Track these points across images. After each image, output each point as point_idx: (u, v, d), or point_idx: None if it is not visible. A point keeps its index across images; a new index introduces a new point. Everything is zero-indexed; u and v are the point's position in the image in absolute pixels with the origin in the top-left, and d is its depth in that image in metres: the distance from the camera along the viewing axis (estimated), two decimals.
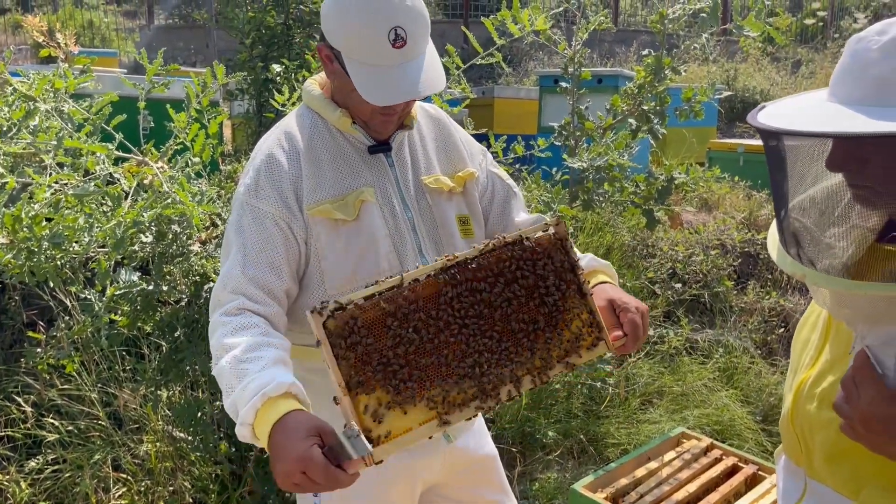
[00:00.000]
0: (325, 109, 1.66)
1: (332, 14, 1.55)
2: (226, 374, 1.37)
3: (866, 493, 1.23)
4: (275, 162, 1.59)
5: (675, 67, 3.50)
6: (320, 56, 1.61)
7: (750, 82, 10.73)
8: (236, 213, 1.58)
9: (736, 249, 4.77)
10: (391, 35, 1.51)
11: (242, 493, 2.70)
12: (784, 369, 4.11)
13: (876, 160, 1.09)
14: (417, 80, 1.55)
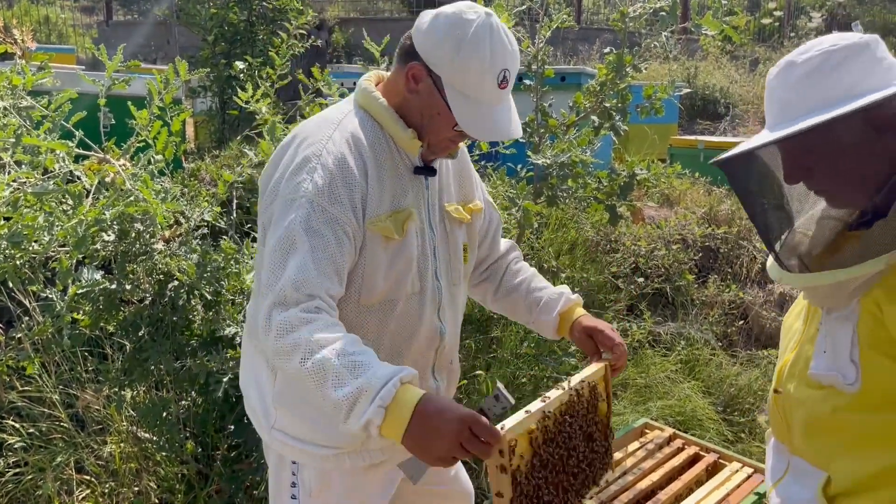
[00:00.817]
0: (394, 125, 1.63)
1: (443, 43, 1.54)
2: (332, 367, 1.35)
3: (836, 464, 1.33)
4: (348, 169, 1.55)
5: (636, 65, 3.56)
6: (408, 73, 1.59)
7: (710, 80, 10.91)
8: (304, 211, 1.49)
9: (697, 244, 4.86)
10: (500, 76, 1.56)
11: (210, 493, 2.69)
12: (744, 360, 4.21)
13: (816, 164, 1.26)
14: (510, 121, 1.62)
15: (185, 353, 2.72)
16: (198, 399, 2.75)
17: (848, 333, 1.29)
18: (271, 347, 1.43)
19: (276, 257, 1.48)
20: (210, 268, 2.65)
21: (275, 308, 1.43)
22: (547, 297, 1.95)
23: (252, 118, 3.87)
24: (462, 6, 1.58)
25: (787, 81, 1.26)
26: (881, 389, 1.26)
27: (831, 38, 1.27)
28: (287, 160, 1.58)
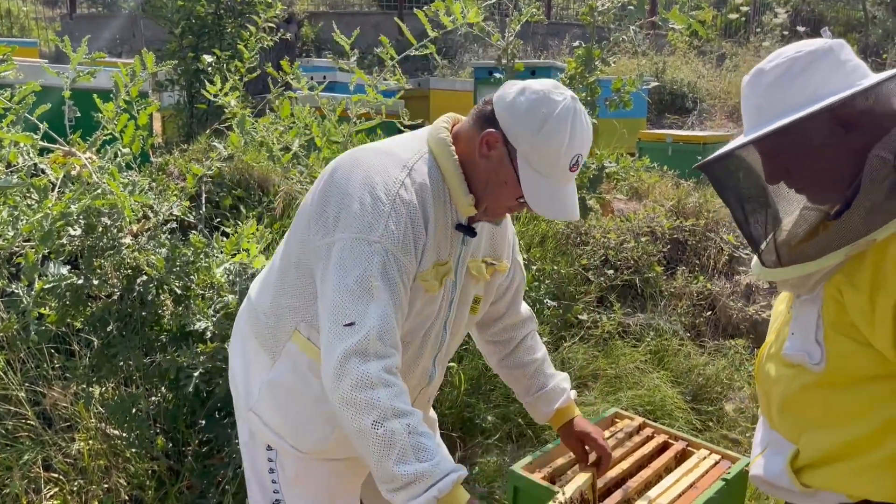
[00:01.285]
0: (458, 186, 1.62)
1: (527, 119, 1.56)
2: (401, 441, 1.39)
3: (804, 438, 1.43)
4: (417, 221, 1.56)
5: (604, 59, 3.60)
6: (483, 139, 1.59)
7: (678, 75, 11.03)
8: (380, 258, 1.48)
9: (665, 236, 4.92)
10: (574, 160, 1.59)
11: (181, 489, 2.67)
12: (712, 350, 4.28)
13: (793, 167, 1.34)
14: (573, 203, 1.65)
15: (155, 349, 2.70)
16: (168, 394, 2.73)
17: (813, 316, 1.38)
18: (341, 394, 1.43)
19: (352, 301, 1.46)
20: (179, 262, 2.62)
21: (354, 356, 1.43)
22: (551, 387, 2.05)
23: (221, 112, 3.84)
24: (549, 85, 1.59)
25: (758, 88, 1.35)
26: (845, 369, 1.35)
27: (797, 45, 1.35)
28: (355, 192, 1.54)
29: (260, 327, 1.73)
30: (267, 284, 1.75)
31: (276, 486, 1.77)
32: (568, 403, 2.07)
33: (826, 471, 1.40)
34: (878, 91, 1.26)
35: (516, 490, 2.45)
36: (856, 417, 1.36)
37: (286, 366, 1.68)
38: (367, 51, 5.69)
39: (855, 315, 1.31)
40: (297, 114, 3.62)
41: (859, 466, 1.36)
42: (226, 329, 2.59)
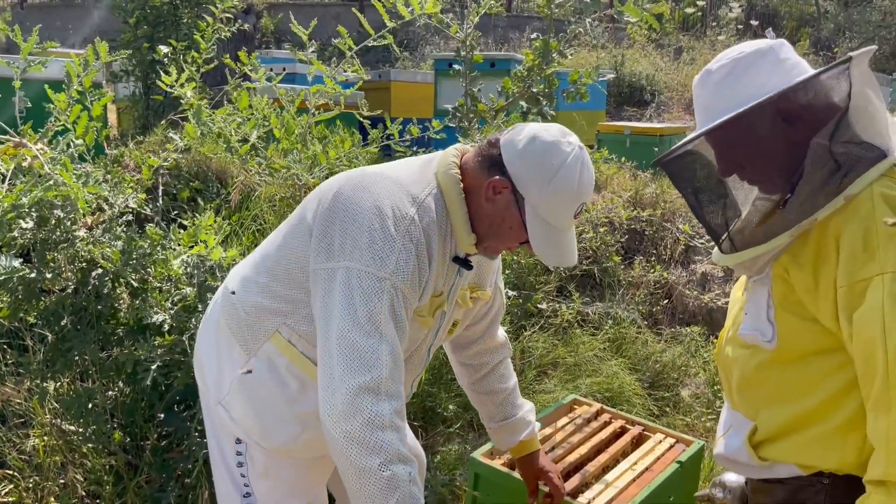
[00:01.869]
0: (462, 225, 1.62)
1: (536, 169, 1.56)
2: (403, 487, 1.42)
3: (761, 414, 1.50)
4: (423, 257, 1.56)
5: (561, 51, 3.64)
6: (490, 184, 1.59)
7: (636, 67, 11.17)
8: (388, 295, 1.49)
9: (623, 226, 5.00)
10: (578, 208, 1.61)
11: (139, 483, 2.64)
12: (668, 338, 4.37)
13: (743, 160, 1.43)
14: (574, 248, 1.68)
15: (111, 342, 2.66)
16: (125, 388, 2.70)
17: (764, 296, 1.45)
18: (349, 430, 1.41)
19: (363, 336, 1.46)
20: (136, 255, 2.59)
21: (366, 392, 1.42)
22: (517, 418, 2.09)
23: (177, 103, 3.79)
24: (557, 133, 1.60)
25: (706, 88, 1.44)
26: (794, 345, 1.42)
27: (740, 46, 1.44)
28: (364, 220, 1.52)
29: (238, 321, 1.70)
30: (250, 281, 1.71)
31: (246, 479, 1.76)
32: (531, 437, 2.11)
33: (780, 444, 1.47)
34: (813, 85, 1.34)
35: (477, 477, 2.48)
36: (806, 391, 1.42)
37: (263, 364, 1.67)
38: (326, 42, 5.66)
39: (800, 292, 1.38)
40: (255, 105, 3.59)
41: (809, 438, 1.43)
42: (184, 322, 2.57)
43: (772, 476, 1.51)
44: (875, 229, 1.28)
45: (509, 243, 1.68)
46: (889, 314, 1.24)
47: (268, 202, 3.59)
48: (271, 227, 3.49)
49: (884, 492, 1.27)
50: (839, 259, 1.31)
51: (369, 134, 3.76)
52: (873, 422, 1.29)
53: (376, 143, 3.75)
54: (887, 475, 1.25)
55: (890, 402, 1.25)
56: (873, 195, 1.31)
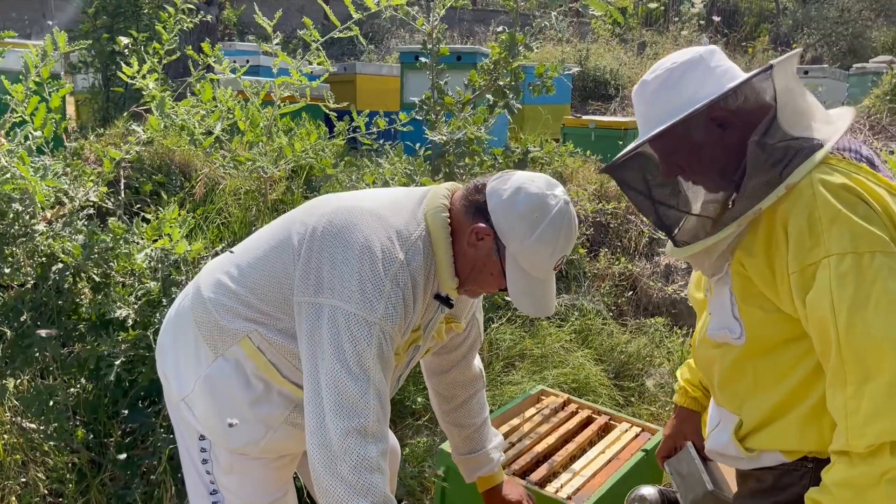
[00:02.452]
0: (446, 269, 1.64)
1: (521, 221, 1.57)
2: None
3: (744, 408, 1.55)
4: (409, 301, 1.57)
5: (528, 44, 3.65)
6: (474, 231, 1.60)
7: (601, 62, 11.26)
8: (377, 340, 1.50)
9: (588, 219, 5.05)
10: (559, 261, 1.62)
11: (103, 481, 2.60)
12: (633, 329, 4.43)
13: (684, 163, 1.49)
14: (552, 298, 1.69)
15: (73, 338, 2.62)
16: (87, 385, 2.65)
17: (726, 294, 1.50)
18: (338, 472, 1.44)
19: (352, 379, 1.47)
20: (98, 248, 2.54)
21: (355, 435, 1.45)
22: (479, 453, 2.11)
23: (139, 95, 3.72)
24: (543, 186, 1.60)
25: (643, 98, 1.52)
26: (762, 337, 1.47)
27: (675, 55, 1.51)
28: (353, 260, 1.53)
29: (208, 321, 1.68)
30: (225, 287, 1.69)
31: (211, 476, 1.75)
32: (491, 473, 2.12)
33: (764, 433, 1.52)
34: (740, 92, 1.41)
35: (447, 469, 2.49)
36: (780, 379, 1.48)
37: (230, 366, 1.66)
38: (291, 35, 5.60)
39: (759, 282, 1.43)
40: (219, 97, 3.54)
41: (788, 423, 1.48)
42: (148, 316, 2.53)
43: (760, 465, 1.55)
44: (818, 215, 1.33)
45: (489, 288, 1.70)
46: (836, 294, 1.30)
47: (233, 195, 3.55)
48: (236, 220, 3.45)
49: (846, 461, 1.32)
50: (788, 245, 1.36)
51: (336, 126, 3.74)
52: (831, 398, 1.34)
53: (343, 136, 3.72)
54: (849, 446, 1.30)
55: (845, 377, 1.31)
56: (813, 181, 1.37)
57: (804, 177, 1.37)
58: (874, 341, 1.28)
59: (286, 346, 1.62)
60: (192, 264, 2.65)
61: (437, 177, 3.89)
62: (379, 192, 1.75)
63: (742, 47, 13.63)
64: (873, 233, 1.31)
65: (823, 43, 14.97)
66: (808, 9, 16.26)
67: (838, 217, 1.32)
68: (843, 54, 14.22)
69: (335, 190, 3.70)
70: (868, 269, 1.29)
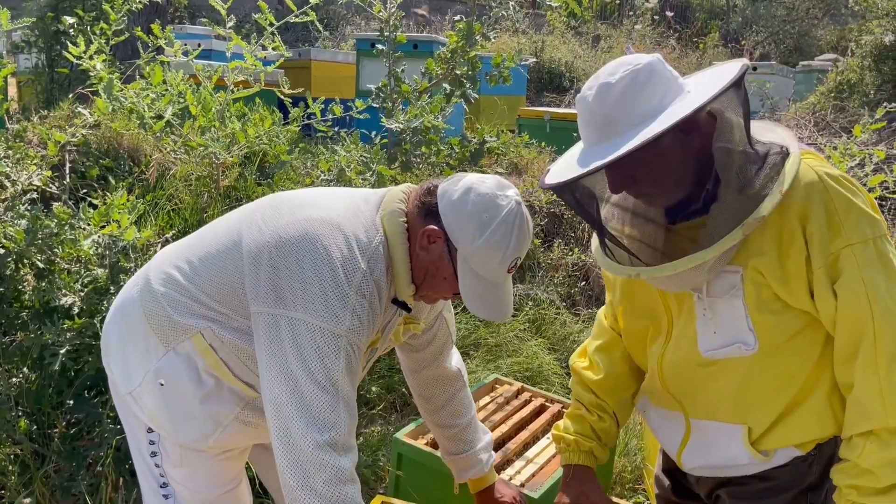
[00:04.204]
0: (403, 277, 1.60)
1: (470, 222, 1.54)
2: None
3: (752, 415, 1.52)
4: (374, 310, 1.55)
5: (485, 34, 3.65)
6: (425, 233, 1.56)
7: (556, 54, 11.34)
8: (345, 352, 1.48)
9: (543, 210, 5.08)
10: (512, 262, 1.57)
11: (47, 472, 2.53)
12: (586, 318, 4.48)
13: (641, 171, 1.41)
14: (508, 302, 1.65)
15: (15, 326, 2.54)
16: (31, 375, 2.57)
17: (739, 308, 1.46)
18: (314, 486, 1.43)
19: (321, 392, 1.45)
20: (41, 234, 2.47)
21: (327, 448, 1.44)
22: (466, 455, 2.07)
23: (85, 77, 3.61)
24: (494, 186, 1.57)
25: (607, 101, 1.38)
26: (773, 341, 1.46)
27: (626, 59, 1.42)
28: (313, 271, 1.49)
29: (158, 314, 1.63)
30: (176, 282, 1.64)
31: (161, 469, 1.71)
32: (481, 475, 2.08)
33: (779, 430, 1.51)
34: (723, 99, 1.36)
35: (400, 457, 2.49)
36: (791, 375, 1.48)
37: (180, 361, 1.62)
38: (243, 20, 5.50)
39: (772, 281, 1.43)
40: (170, 80, 3.46)
41: (804, 414, 1.49)
42: (95, 304, 2.46)
43: (772, 465, 1.54)
44: (833, 206, 1.37)
45: (444, 293, 1.66)
46: (868, 282, 1.35)
47: (184, 181, 3.47)
48: (187, 207, 3.38)
49: (877, 441, 1.36)
50: (809, 241, 1.38)
51: (290, 113, 3.68)
52: (862, 379, 1.38)
53: (297, 122, 3.68)
54: (886, 423, 1.35)
55: (876, 359, 1.36)
56: (819, 174, 1.40)
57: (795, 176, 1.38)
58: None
59: (239, 346, 1.58)
60: (141, 251, 2.59)
61: (393, 165, 3.87)
62: (335, 194, 1.70)
63: (693, 43, 13.88)
64: (878, 218, 1.39)
65: (771, 41, 15.34)
66: (756, 7, 16.63)
67: (852, 206, 1.37)
68: (789, 52, 14.61)
69: (289, 177, 3.66)
70: (884, 253, 1.37)
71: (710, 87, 1.35)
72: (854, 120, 6.58)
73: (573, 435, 1.79)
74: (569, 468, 1.79)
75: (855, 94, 7.47)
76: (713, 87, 1.35)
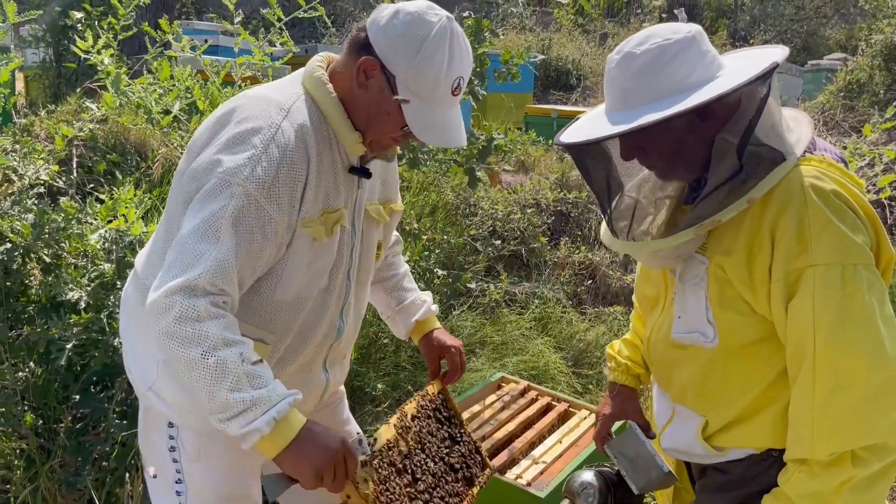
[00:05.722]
0: (341, 126, 1.55)
1: (402, 42, 1.49)
2: (234, 369, 1.36)
3: (712, 410, 1.54)
4: (294, 163, 1.48)
5: (493, 30, 3.63)
6: (359, 67, 1.51)
7: (563, 52, 11.31)
8: (238, 202, 1.42)
9: (550, 208, 5.07)
10: (455, 83, 1.53)
11: (53, 467, 2.53)
12: (592, 317, 4.47)
13: (649, 146, 1.43)
14: (458, 128, 1.59)
15: (22, 321, 2.53)
16: (37, 369, 2.57)
17: (702, 299, 1.47)
18: (164, 327, 1.38)
19: (195, 240, 1.40)
20: (48, 229, 2.46)
21: (181, 291, 1.38)
22: (410, 300, 2.00)
23: (93, 71, 3.61)
24: (423, 6, 1.53)
25: (627, 71, 1.38)
26: (735, 340, 1.46)
27: (664, 30, 1.39)
28: (227, 137, 1.47)
29: (135, 297, 1.65)
30: (153, 258, 1.64)
31: (178, 464, 1.69)
32: (427, 316, 2.01)
33: (734, 432, 1.52)
34: (742, 91, 1.34)
35: None
36: (752, 379, 1.48)
37: None
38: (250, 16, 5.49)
39: (737, 284, 1.41)
40: (177, 75, 3.45)
41: (761, 421, 1.48)
42: (102, 299, 2.46)
43: (727, 460, 1.56)
44: (808, 222, 1.33)
45: (391, 131, 1.57)
46: (819, 305, 1.31)
47: None
48: None
49: (807, 471, 1.35)
50: (774, 251, 1.35)
51: None
52: (796, 404, 1.36)
53: None
54: (812, 453, 1.33)
55: (814, 385, 1.33)
56: (804, 186, 1.35)
57: (781, 183, 1.36)
58: (849, 354, 1.30)
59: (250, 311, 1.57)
60: None
61: (400, 163, 3.85)
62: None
63: None
64: (858, 245, 1.32)
65: (779, 40, 15.27)
66: (764, 5, 16.56)
67: (828, 226, 1.32)
68: (798, 51, 14.53)
69: None
70: (850, 282, 1.31)
71: (736, 77, 1.34)
72: (863, 119, 6.54)
73: (625, 359, 1.85)
74: (615, 386, 1.86)
75: (864, 93, 7.42)
76: (740, 76, 1.33)
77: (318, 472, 1.41)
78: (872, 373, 1.30)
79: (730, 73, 1.38)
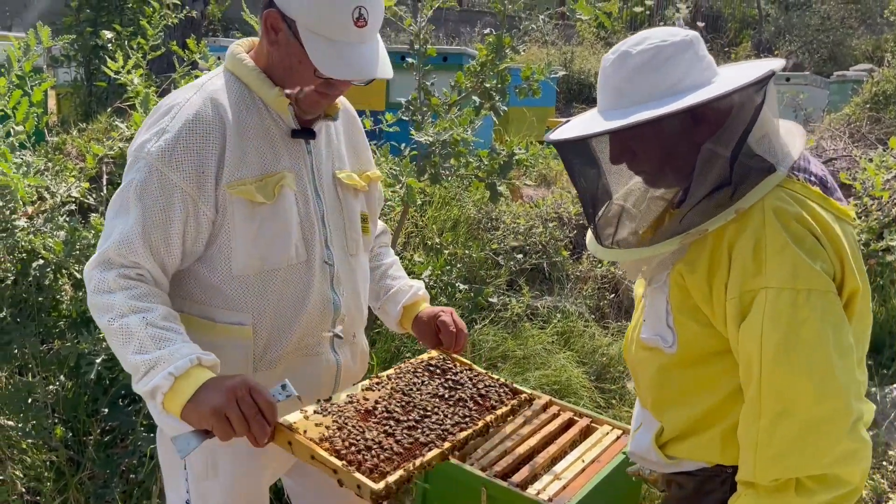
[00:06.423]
0: (260, 85, 1.59)
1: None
2: (138, 333, 1.43)
3: (666, 415, 1.54)
4: (199, 129, 1.51)
5: (514, 47, 3.66)
6: (265, 23, 1.54)
7: (585, 65, 11.32)
8: (141, 174, 1.49)
9: (572, 221, 5.07)
10: (355, 13, 1.50)
11: (82, 479, 2.58)
12: (615, 332, 4.45)
13: (639, 148, 1.42)
14: (375, 61, 1.56)
15: (53, 335, 2.59)
16: (67, 382, 2.63)
17: (663, 303, 1.48)
18: (88, 299, 1.51)
19: (111, 216, 1.53)
20: (79, 245, 2.52)
21: (98, 265, 1.50)
22: (397, 288, 1.97)
23: (122, 90, 3.69)
24: None
25: (622, 70, 1.38)
26: (694, 348, 1.46)
27: (662, 32, 1.40)
28: (146, 122, 1.58)
29: None
30: None
31: (188, 484, 1.71)
32: (414, 300, 1.96)
33: (686, 443, 1.51)
34: (734, 97, 1.34)
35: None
36: (706, 391, 1.47)
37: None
38: None
39: (697, 297, 1.41)
40: None
41: (712, 436, 1.47)
42: None
43: (680, 470, 1.55)
44: (764, 243, 1.31)
45: (309, 81, 1.57)
46: (767, 329, 1.30)
47: None
48: None
49: (753, 495, 1.34)
50: (731, 269, 1.35)
51: None
52: (744, 427, 1.36)
53: None
54: (756, 478, 1.33)
55: (760, 409, 1.32)
56: (765, 208, 1.34)
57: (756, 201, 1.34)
58: (795, 380, 1.28)
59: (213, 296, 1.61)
60: None
61: (422, 178, 3.89)
62: None
63: (725, 53, 13.77)
64: (814, 270, 1.30)
65: (805, 50, 15.15)
66: (790, 16, 16.45)
67: (784, 249, 1.30)
68: (823, 62, 14.40)
69: None
70: (802, 308, 1.29)
71: (731, 83, 1.34)
72: (890, 131, 6.46)
73: None
74: None
75: (891, 104, 7.33)
76: (736, 82, 1.33)
77: (218, 411, 1.36)
78: (818, 401, 1.28)
79: (725, 80, 1.38)
